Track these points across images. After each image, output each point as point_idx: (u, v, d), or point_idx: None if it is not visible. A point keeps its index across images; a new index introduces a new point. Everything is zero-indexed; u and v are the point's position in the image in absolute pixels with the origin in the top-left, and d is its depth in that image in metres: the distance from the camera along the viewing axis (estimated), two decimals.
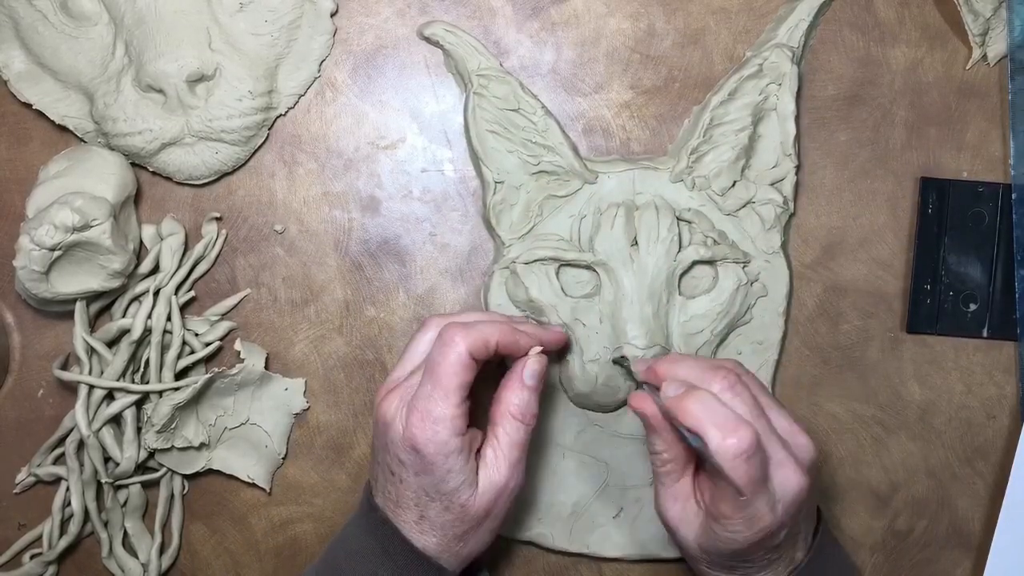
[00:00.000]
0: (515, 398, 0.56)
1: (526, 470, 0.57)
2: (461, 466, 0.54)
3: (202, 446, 0.64)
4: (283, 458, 0.66)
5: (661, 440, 0.55)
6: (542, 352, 0.57)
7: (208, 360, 0.66)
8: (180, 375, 0.66)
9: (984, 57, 0.65)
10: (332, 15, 0.65)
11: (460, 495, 0.54)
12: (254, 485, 0.67)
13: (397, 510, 0.56)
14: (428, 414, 0.53)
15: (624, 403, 0.63)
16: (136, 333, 0.63)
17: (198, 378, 0.62)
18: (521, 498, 0.65)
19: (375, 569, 0.55)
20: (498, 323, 0.56)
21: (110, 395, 0.64)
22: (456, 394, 0.54)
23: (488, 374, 0.58)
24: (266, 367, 0.65)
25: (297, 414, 0.67)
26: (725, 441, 0.49)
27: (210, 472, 0.67)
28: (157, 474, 0.66)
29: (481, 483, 0.55)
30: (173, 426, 0.63)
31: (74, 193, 0.60)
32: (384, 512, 0.56)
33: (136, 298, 0.65)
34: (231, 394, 0.65)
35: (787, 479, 0.51)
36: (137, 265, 0.64)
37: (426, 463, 0.54)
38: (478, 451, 0.56)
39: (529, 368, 0.56)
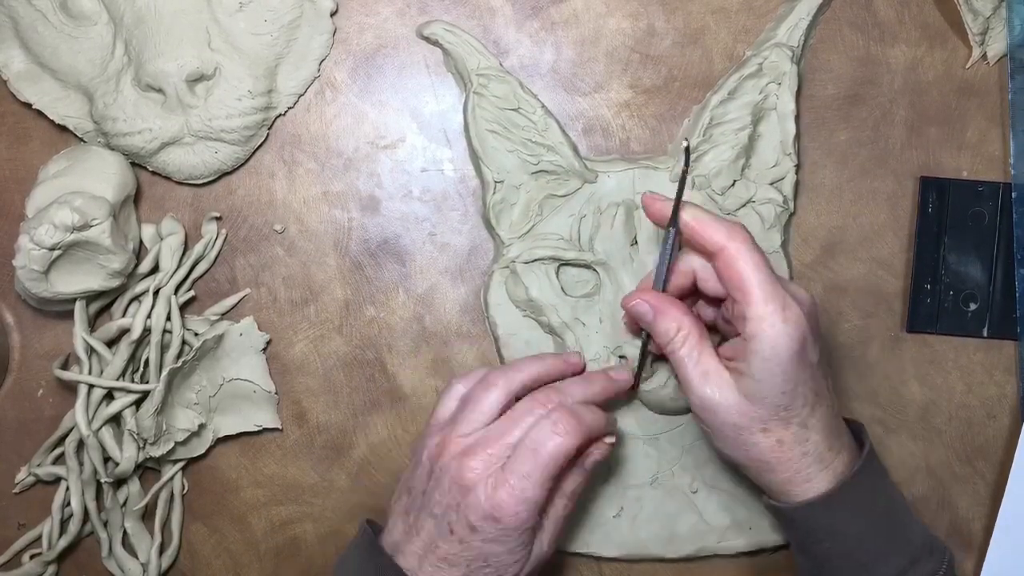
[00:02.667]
0: (572, 482, 0.58)
1: None
2: (528, 542, 0.55)
3: (201, 427, 0.65)
4: (276, 393, 0.66)
5: (668, 318, 0.55)
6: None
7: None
8: None
9: (984, 56, 0.65)
10: (332, 15, 0.65)
11: (516, 566, 0.55)
12: (255, 485, 0.67)
13: (442, 568, 0.55)
14: (522, 493, 0.53)
15: (624, 403, 0.63)
16: (136, 333, 0.63)
17: (157, 383, 0.62)
18: None
19: None
20: (600, 418, 0.57)
21: (110, 395, 0.64)
22: (552, 481, 0.55)
23: None
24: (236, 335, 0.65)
25: (268, 352, 0.66)
26: (734, 228, 0.54)
27: (210, 472, 0.67)
28: (165, 478, 0.66)
29: (532, 555, 0.56)
30: (164, 429, 0.63)
31: (74, 193, 0.60)
32: (393, 557, 0.56)
33: (136, 298, 0.65)
34: (195, 371, 0.65)
35: (797, 290, 0.55)
36: (137, 265, 0.64)
37: (501, 536, 0.54)
38: None
39: (593, 457, 0.58)
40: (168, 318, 0.64)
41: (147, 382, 0.64)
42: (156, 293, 0.64)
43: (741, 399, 0.54)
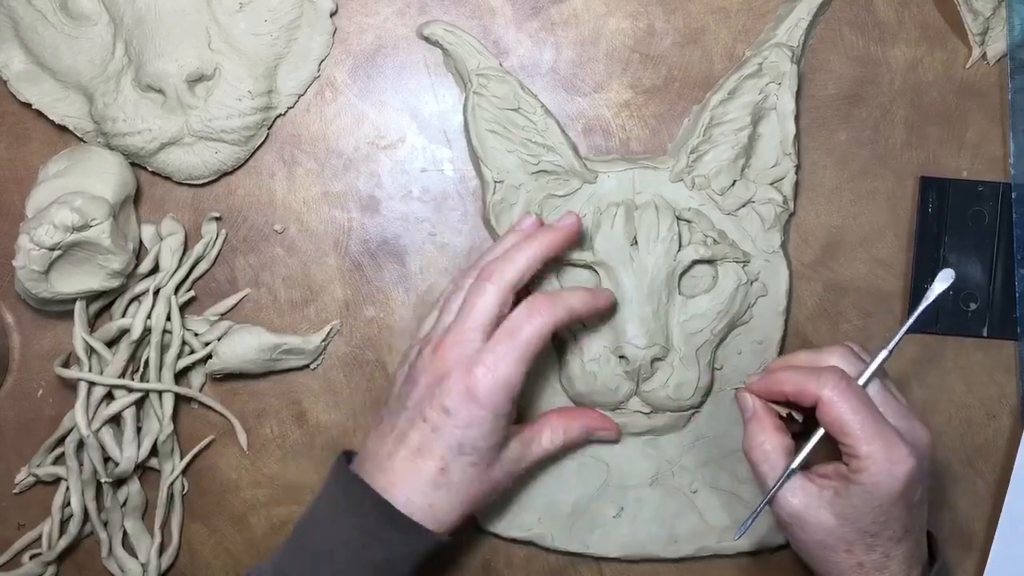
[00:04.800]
0: (569, 430, 0.61)
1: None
2: (503, 429, 0.56)
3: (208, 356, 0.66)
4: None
5: (763, 431, 0.56)
6: None
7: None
8: (180, 375, 0.66)
9: (984, 56, 0.65)
10: (332, 15, 0.65)
11: (490, 455, 0.56)
12: (256, 485, 0.67)
13: (416, 460, 0.56)
14: (496, 371, 0.55)
15: (623, 402, 0.63)
16: (136, 333, 0.63)
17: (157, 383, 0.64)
18: (521, 498, 0.65)
19: (345, 524, 0.56)
20: (580, 293, 0.58)
21: (110, 395, 0.64)
22: (527, 363, 0.56)
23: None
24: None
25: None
26: (824, 375, 0.54)
27: (210, 472, 0.67)
28: (170, 477, 0.66)
29: (507, 456, 0.57)
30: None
31: (74, 193, 0.60)
32: (352, 468, 0.57)
33: (136, 298, 0.65)
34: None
35: (916, 429, 0.55)
36: (137, 265, 0.64)
37: (476, 416, 0.55)
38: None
39: (599, 435, 0.63)
40: (168, 318, 0.64)
41: (147, 382, 0.64)
42: (156, 293, 0.64)
43: (832, 518, 0.54)
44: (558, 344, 0.64)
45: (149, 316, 0.63)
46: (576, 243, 0.61)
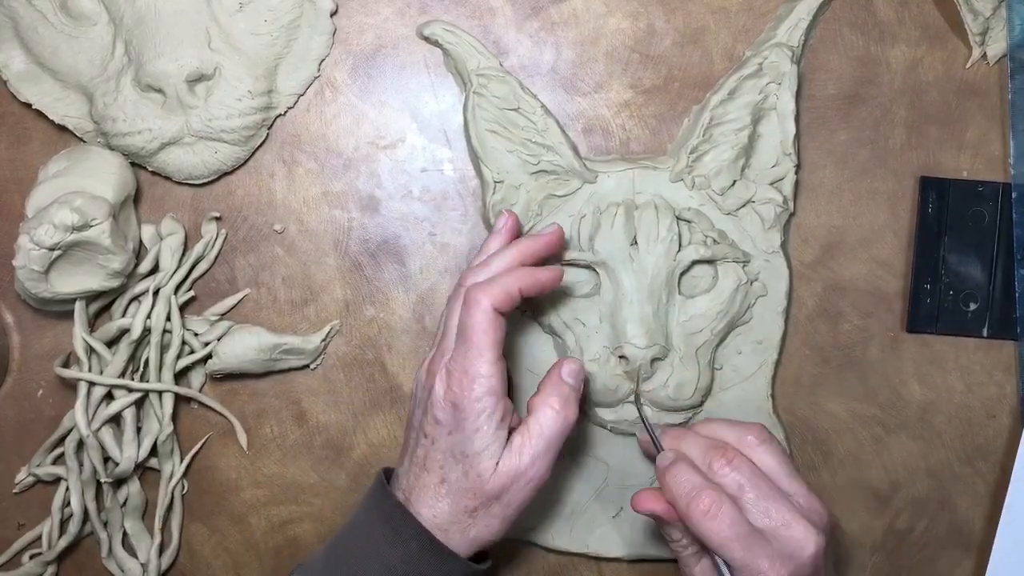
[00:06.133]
0: (554, 391, 0.57)
1: (550, 469, 0.57)
2: (490, 430, 0.56)
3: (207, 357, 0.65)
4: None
5: (676, 530, 0.57)
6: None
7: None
8: (180, 375, 0.66)
9: (984, 56, 0.65)
10: (332, 15, 0.65)
11: (481, 462, 0.56)
12: (255, 485, 0.67)
13: (422, 474, 0.56)
14: (465, 372, 0.55)
15: (622, 401, 0.63)
16: (135, 333, 0.63)
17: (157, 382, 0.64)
18: None
19: (385, 553, 0.56)
20: (516, 271, 0.57)
21: (109, 395, 0.64)
22: (489, 351, 0.55)
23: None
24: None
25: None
26: (688, 507, 0.54)
27: (210, 472, 0.67)
28: (173, 479, 0.66)
29: (502, 462, 0.56)
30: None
31: (74, 193, 0.60)
32: (400, 496, 0.57)
33: (136, 298, 0.65)
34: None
35: (795, 537, 0.53)
36: (137, 265, 0.64)
37: (459, 419, 0.55)
38: (510, 434, 0.57)
39: (567, 367, 0.58)
40: (168, 318, 0.64)
41: (147, 382, 0.64)
42: (156, 293, 0.64)
43: None
44: (558, 343, 0.64)
45: (149, 316, 0.63)
46: (562, 248, 0.61)
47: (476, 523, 0.56)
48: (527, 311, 0.64)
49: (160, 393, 0.65)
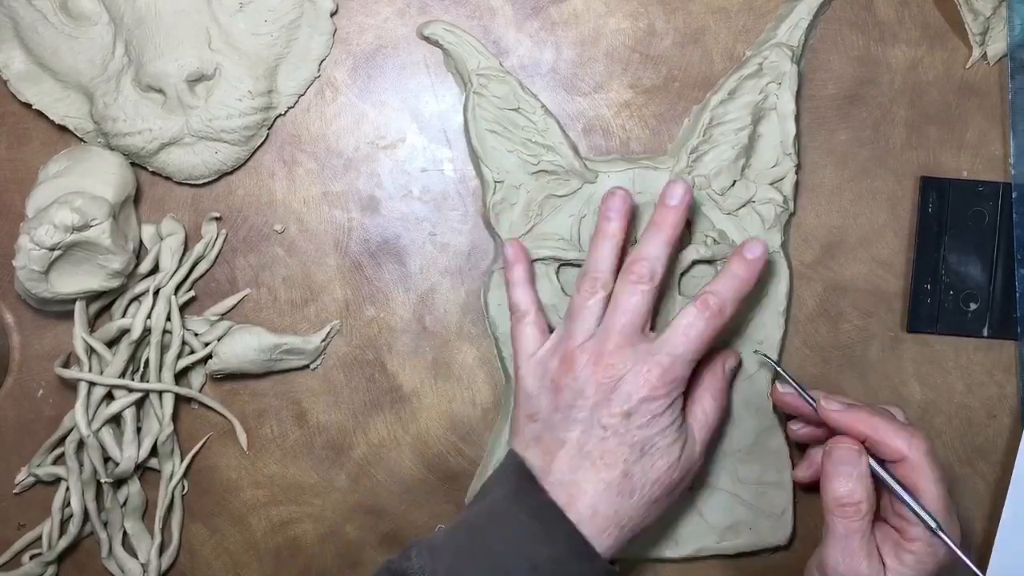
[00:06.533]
0: (715, 383, 0.60)
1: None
2: (679, 425, 0.57)
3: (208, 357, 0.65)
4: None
5: (863, 487, 0.56)
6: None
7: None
8: (180, 375, 0.66)
9: (984, 56, 0.65)
10: (332, 15, 0.65)
11: (670, 454, 0.56)
12: (256, 485, 0.67)
13: (598, 471, 0.56)
14: (669, 372, 0.56)
15: None
16: (136, 333, 0.63)
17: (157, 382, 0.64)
18: None
19: (532, 550, 0.54)
20: (741, 280, 0.59)
21: (110, 395, 0.64)
22: (691, 366, 0.57)
23: None
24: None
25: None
26: (916, 438, 0.55)
27: (210, 472, 0.67)
28: (174, 480, 0.66)
29: (684, 451, 0.57)
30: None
31: (74, 193, 0.60)
32: (547, 494, 0.56)
33: (136, 298, 0.65)
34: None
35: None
36: (137, 265, 0.64)
37: (655, 418, 0.56)
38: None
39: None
40: (168, 318, 0.64)
41: (147, 382, 0.64)
42: (156, 293, 0.64)
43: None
44: None
45: (149, 316, 0.63)
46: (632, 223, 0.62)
47: (642, 520, 0.57)
48: None
49: (160, 393, 0.65)
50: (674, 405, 0.57)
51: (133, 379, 0.64)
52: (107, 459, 0.65)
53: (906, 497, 0.55)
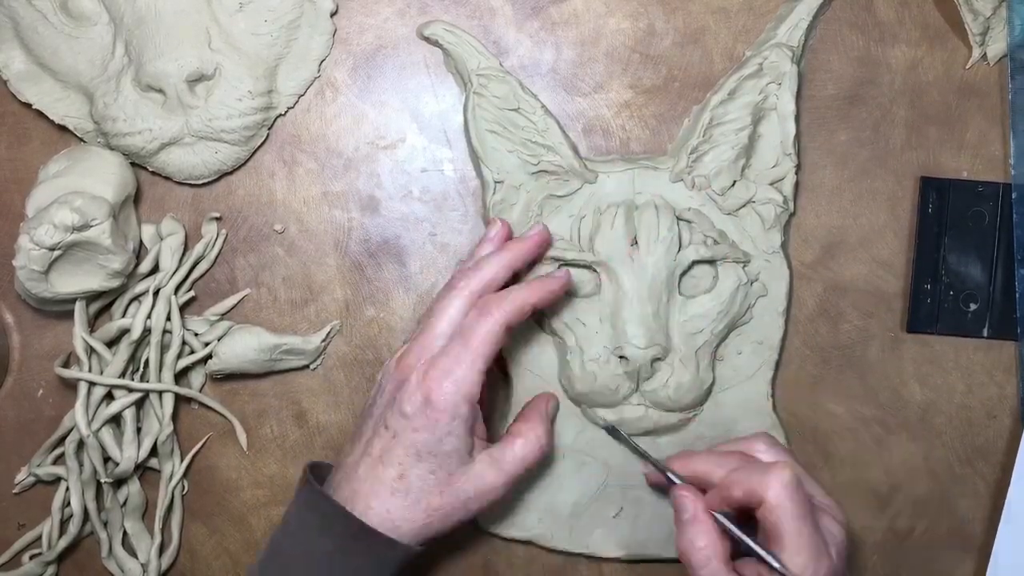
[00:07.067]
0: (541, 424, 0.60)
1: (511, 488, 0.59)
2: (462, 435, 0.56)
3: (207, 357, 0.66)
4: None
5: (704, 535, 0.55)
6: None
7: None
8: (180, 375, 0.66)
9: (984, 56, 0.65)
10: (332, 15, 0.65)
11: (450, 464, 0.56)
12: (256, 485, 0.67)
13: (377, 467, 0.56)
14: (450, 373, 0.55)
15: (623, 400, 0.63)
16: (135, 333, 0.63)
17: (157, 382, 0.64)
18: (521, 498, 0.65)
19: (315, 541, 0.56)
20: (529, 287, 0.58)
21: (110, 395, 0.64)
22: (482, 361, 0.56)
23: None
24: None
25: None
26: (772, 476, 0.53)
27: (210, 472, 0.67)
28: (173, 480, 0.66)
29: (479, 471, 0.57)
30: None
31: (74, 193, 0.60)
32: (343, 486, 0.57)
33: (136, 298, 0.65)
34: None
35: (831, 525, 0.55)
36: (137, 265, 0.64)
37: (432, 418, 0.55)
38: (483, 449, 0.58)
39: (553, 402, 0.63)
40: (168, 318, 0.64)
41: (147, 382, 0.64)
42: (156, 293, 0.64)
43: None
44: (558, 344, 0.64)
45: (149, 316, 0.63)
46: (545, 249, 0.62)
47: (433, 523, 0.56)
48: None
49: (160, 393, 0.65)
50: (459, 418, 0.55)
51: (133, 379, 0.64)
52: (107, 459, 0.65)
53: (754, 547, 0.53)
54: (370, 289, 0.67)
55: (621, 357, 0.62)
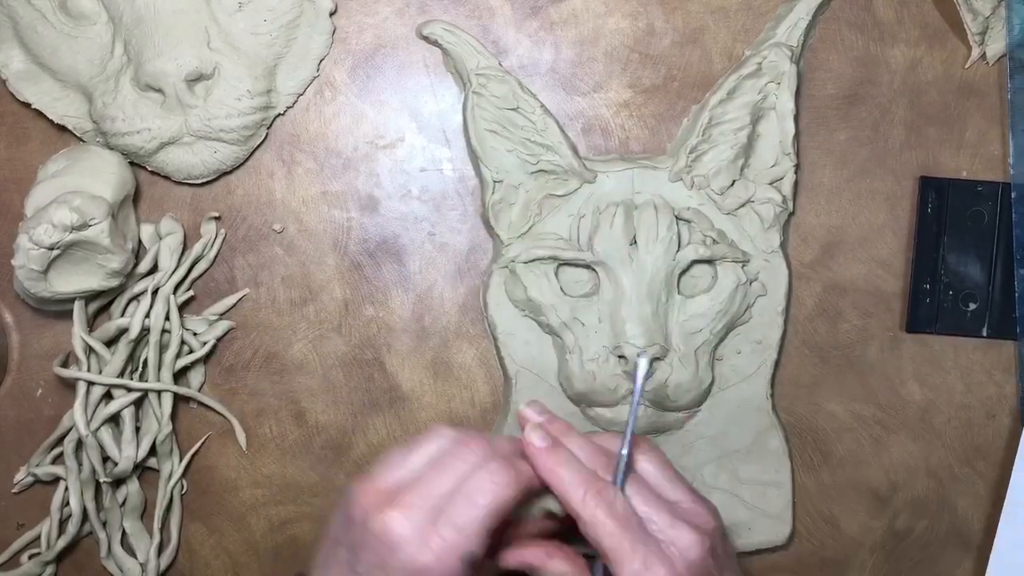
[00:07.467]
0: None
1: None
2: None
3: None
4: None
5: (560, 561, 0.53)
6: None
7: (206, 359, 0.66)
8: (179, 374, 0.66)
9: (983, 56, 0.65)
10: (331, 14, 0.65)
11: None
12: (255, 485, 0.67)
13: None
14: (456, 549, 0.48)
15: (623, 399, 0.63)
16: (134, 332, 0.63)
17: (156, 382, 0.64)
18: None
19: None
20: (529, 468, 0.51)
21: (108, 394, 0.64)
22: (489, 537, 0.49)
23: None
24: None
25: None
26: (582, 504, 0.50)
27: (209, 472, 0.67)
28: (173, 479, 0.66)
29: None
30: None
31: (73, 192, 0.60)
32: None
33: (135, 297, 0.65)
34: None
35: (678, 542, 0.50)
36: (136, 264, 0.64)
37: None
38: None
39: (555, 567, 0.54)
40: (167, 318, 0.64)
41: (146, 381, 0.64)
42: (155, 293, 0.64)
43: None
44: (557, 343, 0.64)
45: (148, 315, 0.63)
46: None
47: None
48: (526, 312, 0.64)
49: (159, 393, 0.65)
50: None
51: (132, 378, 0.64)
52: (106, 459, 0.64)
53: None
54: (369, 288, 0.67)
55: (620, 356, 0.61)
